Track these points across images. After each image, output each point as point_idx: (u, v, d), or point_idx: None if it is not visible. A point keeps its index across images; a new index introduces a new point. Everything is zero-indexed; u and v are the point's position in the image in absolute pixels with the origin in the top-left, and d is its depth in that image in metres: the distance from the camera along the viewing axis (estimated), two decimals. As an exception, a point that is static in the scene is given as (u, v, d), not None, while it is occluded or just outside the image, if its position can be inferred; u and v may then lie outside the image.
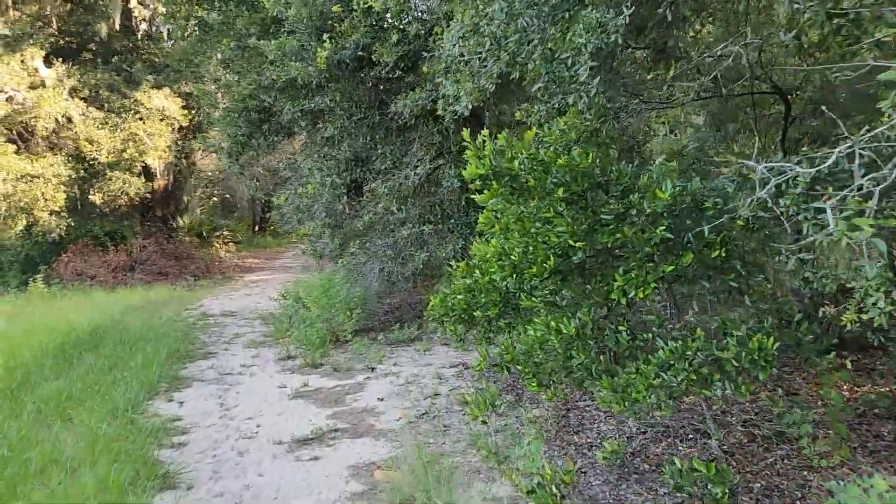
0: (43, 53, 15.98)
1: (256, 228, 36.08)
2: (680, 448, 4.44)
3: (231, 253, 24.11)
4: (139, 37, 18.95)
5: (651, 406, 3.75)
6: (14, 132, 16.03)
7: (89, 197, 16.34)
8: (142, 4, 18.59)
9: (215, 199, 26.47)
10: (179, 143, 19.51)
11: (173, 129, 17.78)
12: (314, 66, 8.20)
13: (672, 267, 3.69)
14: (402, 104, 8.16)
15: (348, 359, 7.99)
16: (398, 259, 8.97)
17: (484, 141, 4.04)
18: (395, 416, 5.84)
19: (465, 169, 4.06)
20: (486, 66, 4.19)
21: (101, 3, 17.83)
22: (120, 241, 18.53)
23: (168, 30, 19.37)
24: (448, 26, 5.96)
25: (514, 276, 4.09)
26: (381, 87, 9.07)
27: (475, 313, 5.57)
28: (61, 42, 17.71)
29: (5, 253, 18.82)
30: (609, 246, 3.90)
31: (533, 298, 4.40)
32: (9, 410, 6.18)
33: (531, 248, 3.99)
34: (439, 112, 5.90)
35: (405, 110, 8.34)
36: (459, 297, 5.59)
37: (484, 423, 4.87)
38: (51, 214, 15.53)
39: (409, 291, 11.30)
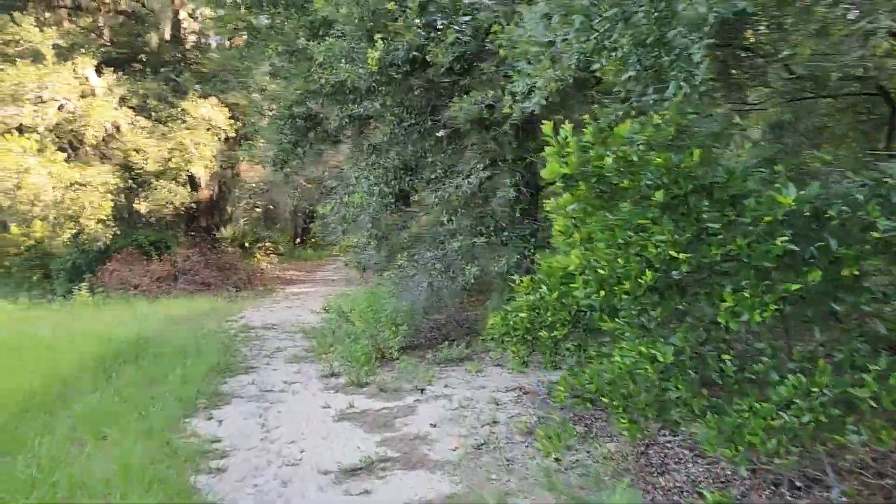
0: (94, 63, 16.09)
1: (297, 241, 36.13)
2: (789, 499, 3.80)
3: (273, 265, 24.00)
4: (187, 47, 19.02)
5: (769, 451, 3.14)
6: (65, 141, 16.14)
7: (135, 206, 16.31)
8: (191, 17, 18.69)
9: (258, 210, 26.44)
10: (225, 153, 19.49)
11: (219, 139, 17.70)
12: (364, 68, 7.80)
13: (798, 286, 3.09)
14: (456, 108, 7.70)
15: (395, 378, 7.50)
16: (448, 273, 8.47)
17: (567, 137, 3.51)
18: (451, 445, 5.30)
19: (519, 177, 3.54)
20: (570, 50, 3.68)
21: (151, 15, 17.96)
22: (164, 251, 18.50)
23: (216, 42, 19.48)
24: (508, 24, 5.48)
25: (602, 292, 3.53)
26: (434, 91, 8.62)
27: (540, 333, 5.04)
28: (112, 52, 17.87)
29: (54, 261, 19.02)
30: (716, 259, 3.32)
31: (617, 320, 3.83)
32: (42, 426, 5.85)
33: (622, 260, 3.44)
34: (504, 110, 5.40)
35: (459, 114, 7.88)
36: (522, 315, 5.07)
37: (557, 460, 4.30)
38: (97, 223, 15.51)
39: (456, 307, 10.79)
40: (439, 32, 7.56)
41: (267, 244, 23.74)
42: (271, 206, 26.95)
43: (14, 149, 14.11)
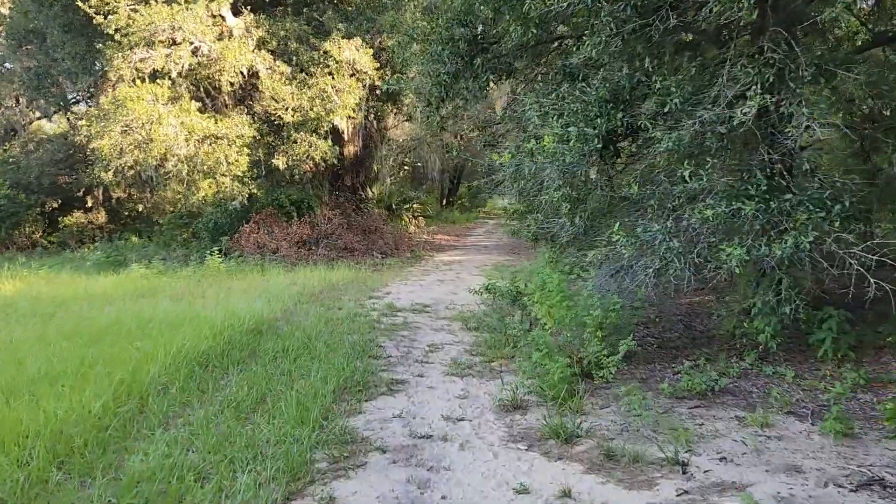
0: (231, 0, 14.35)
1: (444, 202, 34.07)
2: None
3: (420, 228, 21.93)
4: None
5: None
6: (200, 89, 14.69)
7: (273, 161, 14.57)
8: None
9: (406, 168, 24.40)
10: (370, 104, 17.37)
11: (363, 86, 15.53)
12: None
13: None
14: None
15: (617, 423, 4.69)
16: (691, 255, 5.45)
17: None
18: None
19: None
20: None
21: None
22: (306, 212, 16.87)
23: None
24: None
25: None
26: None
27: None
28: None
29: (197, 221, 18.06)
30: None
31: None
32: (86, 467, 3.75)
33: None
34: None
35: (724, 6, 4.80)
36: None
37: None
38: (233, 180, 13.96)
39: (685, 306, 7.75)
40: None
41: (415, 206, 21.60)
42: (419, 164, 24.78)
43: (145, 97, 12.71)
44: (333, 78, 14.72)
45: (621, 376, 5.65)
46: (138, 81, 12.73)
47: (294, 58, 15.01)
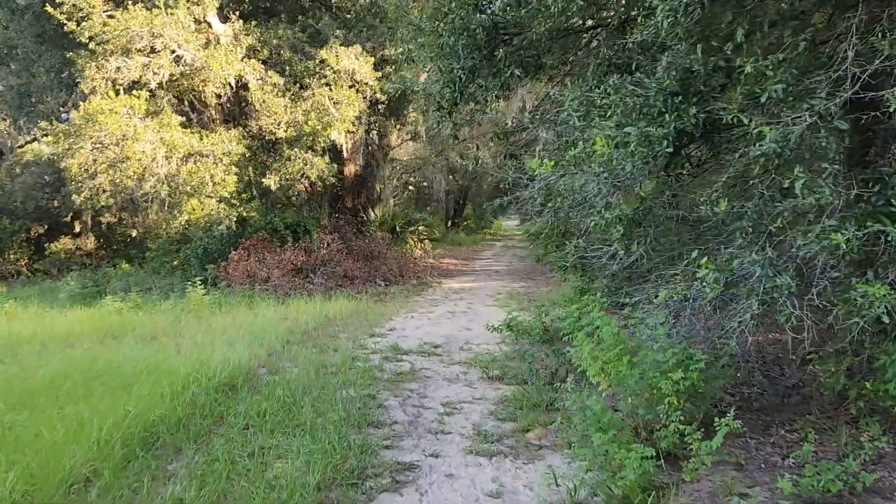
0: (216, 4, 13.06)
1: (449, 224, 32.64)
2: None
3: (426, 252, 20.47)
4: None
5: None
6: (185, 102, 13.36)
7: (263, 181, 13.15)
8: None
9: (411, 188, 23.02)
10: (372, 118, 16.04)
11: (364, 98, 14.20)
12: None
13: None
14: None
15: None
16: (809, 296, 3.97)
17: None
18: None
19: None
20: None
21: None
22: (303, 236, 15.42)
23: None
24: None
25: None
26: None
27: None
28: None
29: (187, 247, 16.63)
30: None
31: None
32: None
33: None
34: None
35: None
36: None
37: None
38: (220, 202, 12.57)
39: (751, 345, 6.22)
40: None
41: (420, 228, 20.16)
42: (425, 184, 23.41)
43: (119, 110, 11.36)
44: (331, 89, 13.38)
45: (726, 471, 4.13)
46: (111, 93, 11.38)
47: (287, 68, 13.69)
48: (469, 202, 36.60)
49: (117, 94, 11.60)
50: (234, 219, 12.83)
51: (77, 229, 24.37)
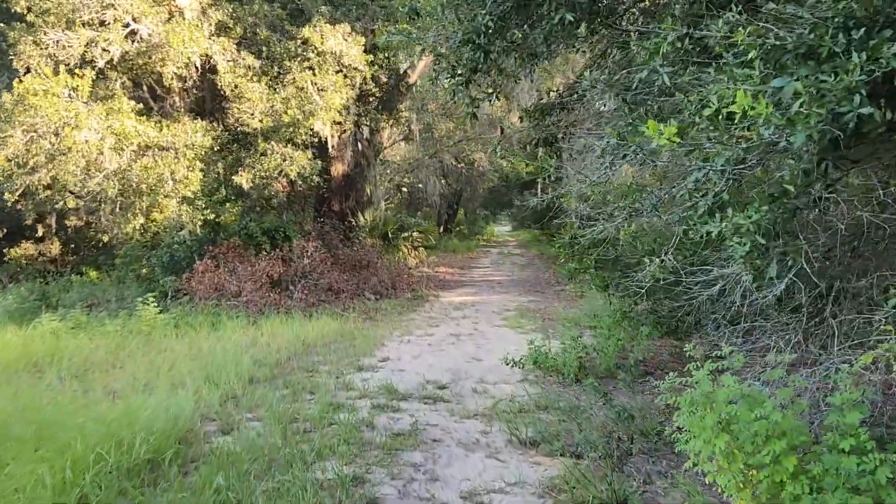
0: (181, -27, 11.21)
1: (442, 229, 30.78)
2: None
3: (421, 261, 18.62)
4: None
5: None
6: (144, 86, 11.46)
7: (234, 179, 11.25)
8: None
9: (404, 190, 21.15)
10: (362, 109, 14.18)
11: (353, 85, 12.37)
12: None
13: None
14: None
15: None
16: None
17: None
18: None
19: None
20: None
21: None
22: (282, 243, 13.52)
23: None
24: None
25: None
26: None
27: None
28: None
29: (152, 254, 14.64)
30: None
31: None
32: None
33: None
34: None
35: None
36: None
37: None
38: (180, 202, 10.67)
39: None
40: None
41: (414, 234, 18.30)
42: (420, 185, 21.56)
43: (58, 91, 9.45)
44: (314, 73, 11.54)
45: None
46: (48, 71, 9.47)
47: (264, 48, 11.82)
48: (461, 207, 34.81)
49: (59, 74, 9.69)
50: (199, 223, 10.91)
51: (40, 233, 22.34)
